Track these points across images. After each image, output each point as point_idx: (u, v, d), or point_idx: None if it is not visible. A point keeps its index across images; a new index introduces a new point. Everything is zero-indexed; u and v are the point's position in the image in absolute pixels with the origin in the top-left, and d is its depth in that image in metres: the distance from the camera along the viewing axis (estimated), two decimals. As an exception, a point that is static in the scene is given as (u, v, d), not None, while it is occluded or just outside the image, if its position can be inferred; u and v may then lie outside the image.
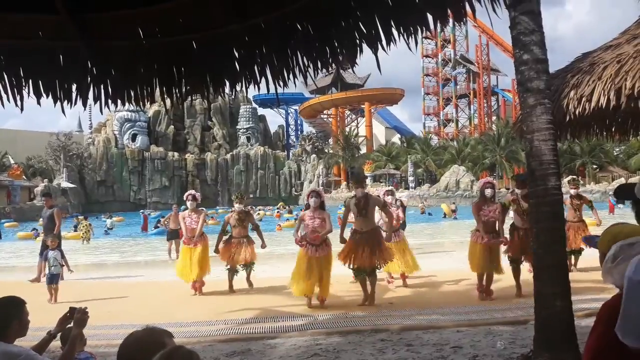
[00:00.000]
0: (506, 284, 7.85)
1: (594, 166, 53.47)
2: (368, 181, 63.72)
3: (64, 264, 9.06)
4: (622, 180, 46.72)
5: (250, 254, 8.80)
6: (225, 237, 8.92)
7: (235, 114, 73.80)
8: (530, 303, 4.82)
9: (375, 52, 3.37)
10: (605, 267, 2.18)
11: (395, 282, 8.97)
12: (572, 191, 10.21)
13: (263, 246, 9.07)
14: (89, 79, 3.81)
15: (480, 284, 7.68)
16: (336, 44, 3.54)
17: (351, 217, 7.68)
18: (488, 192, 7.84)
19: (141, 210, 39.96)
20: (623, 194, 1.85)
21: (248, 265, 8.82)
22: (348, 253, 7.36)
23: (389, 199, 8.99)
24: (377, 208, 7.72)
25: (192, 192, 9.66)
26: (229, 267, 8.84)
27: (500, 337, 5.42)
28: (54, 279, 8.53)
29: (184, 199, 9.49)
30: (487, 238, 7.62)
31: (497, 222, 7.75)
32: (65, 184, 55.60)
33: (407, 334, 5.73)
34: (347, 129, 76.06)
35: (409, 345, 5.29)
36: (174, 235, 15.54)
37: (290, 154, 77.30)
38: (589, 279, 8.17)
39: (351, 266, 7.40)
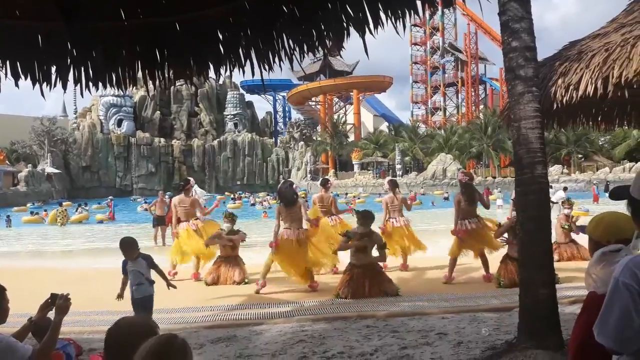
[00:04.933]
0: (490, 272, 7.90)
1: (579, 155, 53.99)
2: (355, 169, 63.87)
3: (151, 278, 5.35)
4: (607, 170, 47.29)
5: (239, 274, 8.40)
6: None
7: (222, 100, 73.11)
8: (515, 291, 4.85)
9: (362, 36, 3.31)
10: (588, 271, 2.20)
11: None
12: (566, 211, 10.20)
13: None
14: (69, 60, 3.70)
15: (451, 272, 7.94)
16: (323, 27, 3.46)
17: None
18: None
19: (109, 197, 34.63)
20: (619, 194, 1.85)
21: (239, 283, 8.36)
22: (348, 285, 7.10)
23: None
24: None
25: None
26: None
27: (485, 324, 5.45)
28: (145, 304, 5.14)
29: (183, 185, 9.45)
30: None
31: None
32: (50, 169, 54.87)
33: (392, 321, 5.76)
34: (335, 117, 75.63)
35: (395, 331, 5.31)
36: (160, 221, 15.38)
37: (278, 141, 76.88)
38: (574, 267, 8.26)
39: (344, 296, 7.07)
